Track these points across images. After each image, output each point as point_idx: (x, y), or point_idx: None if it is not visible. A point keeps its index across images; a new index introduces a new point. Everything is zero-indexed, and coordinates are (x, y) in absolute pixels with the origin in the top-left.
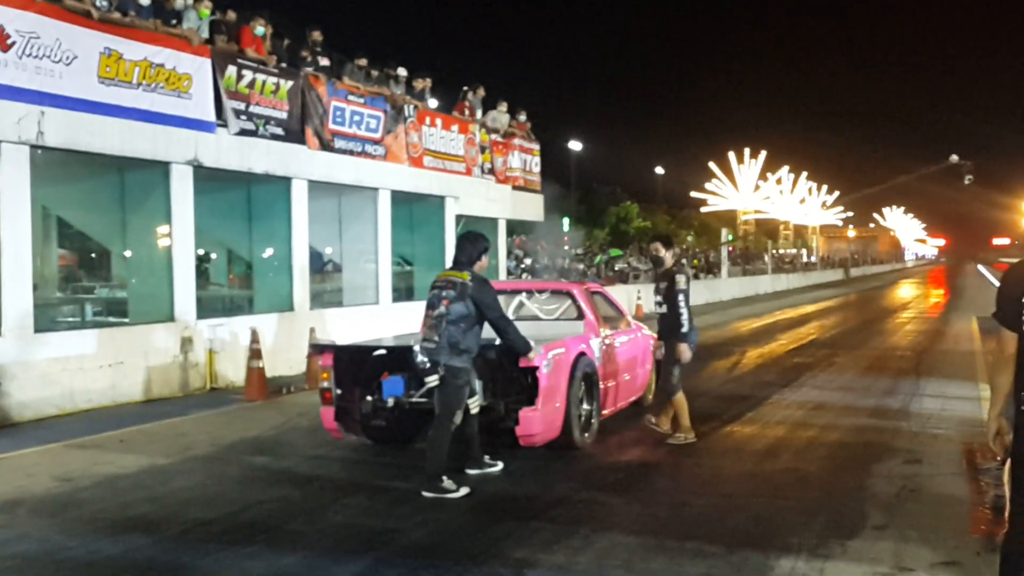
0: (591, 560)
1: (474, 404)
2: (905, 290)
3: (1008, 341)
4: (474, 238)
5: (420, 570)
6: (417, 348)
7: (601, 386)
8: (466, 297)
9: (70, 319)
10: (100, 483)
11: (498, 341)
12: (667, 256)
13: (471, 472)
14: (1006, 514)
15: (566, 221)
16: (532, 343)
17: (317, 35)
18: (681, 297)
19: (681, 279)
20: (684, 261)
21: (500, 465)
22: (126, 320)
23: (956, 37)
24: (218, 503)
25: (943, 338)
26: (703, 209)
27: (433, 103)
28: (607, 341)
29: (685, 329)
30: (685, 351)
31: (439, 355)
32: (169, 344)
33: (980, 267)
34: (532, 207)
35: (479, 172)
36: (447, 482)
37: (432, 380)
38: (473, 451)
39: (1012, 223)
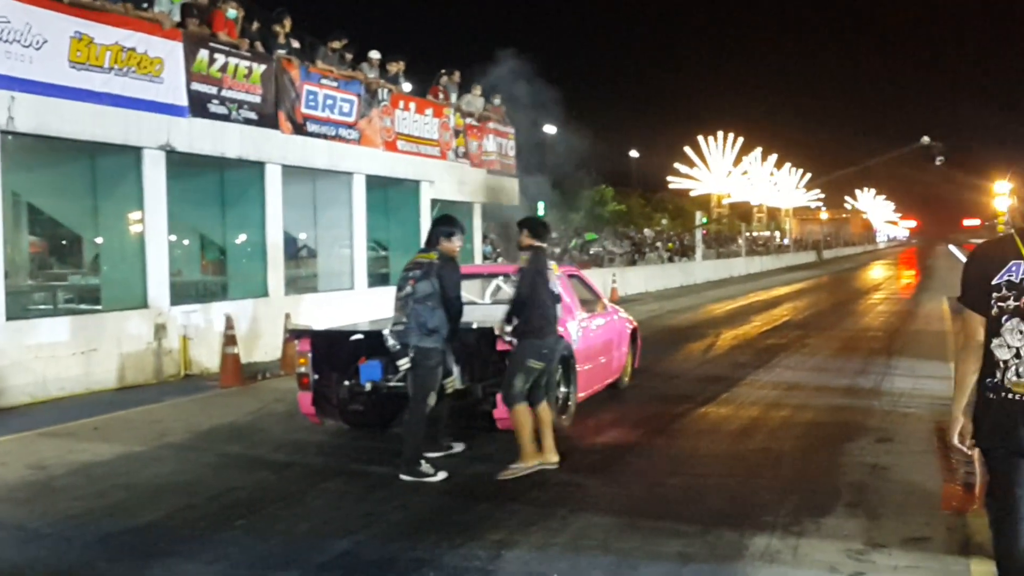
0: (568, 540)
1: (450, 384)
2: (877, 271)
3: (975, 327)
4: (436, 222)
5: (399, 553)
6: (387, 332)
7: (578, 369)
8: (432, 276)
9: (42, 306)
10: (75, 471)
11: (475, 325)
12: (525, 239)
13: (429, 454)
14: (975, 491)
15: (541, 205)
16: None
17: (287, 23)
18: (526, 280)
19: (529, 257)
20: (546, 247)
21: (462, 446)
22: (99, 307)
23: (927, 18)
24: (195, 489)
25: (914, 318)
26: (676, 187)
27: (407, 87)
28: (584, 324)
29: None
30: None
31: (408, 337)
32: (142, 331)
33: (951, 247)
34: (508, 191)
35: (453, 156)
36: (425, 466)
37: (404, 363)
38: (436, 431)
39: (982, 204)
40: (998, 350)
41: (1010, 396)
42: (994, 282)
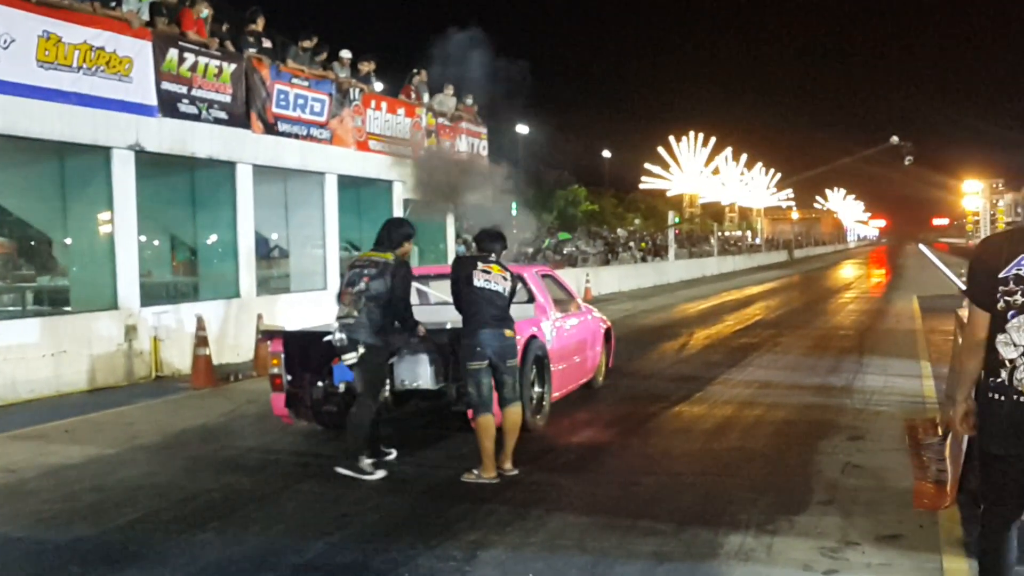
0: (544, 540)
1: (347, 359)
2: (848, 270)
3: (979, 323)
4: (398, 223)
5: (374, 555)
6: (335, 326)
7: (552, 368)
8: (386, 276)
9: (11, 308)
10: (46, 474)
11: (448, 325)
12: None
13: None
14: (947, 488)
15: (513, 205)
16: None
17: (261, 22)
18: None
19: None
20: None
21: (394, 452)
22: (68, 308)
23: (896, 19)
24: (167, 492)
25: (885, 317)
26: (648, 187)
27: (379, 86)
28: (558, 324)
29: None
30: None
31: (358, 332)
32: (113, 332)
33: (921, 246)
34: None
35: (426, 156)
36: (365, 463)
37: (350, 358)
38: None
39: (951, 203)
40: (1004, 348)
41: (1021, 399)
42: (1001, 276)
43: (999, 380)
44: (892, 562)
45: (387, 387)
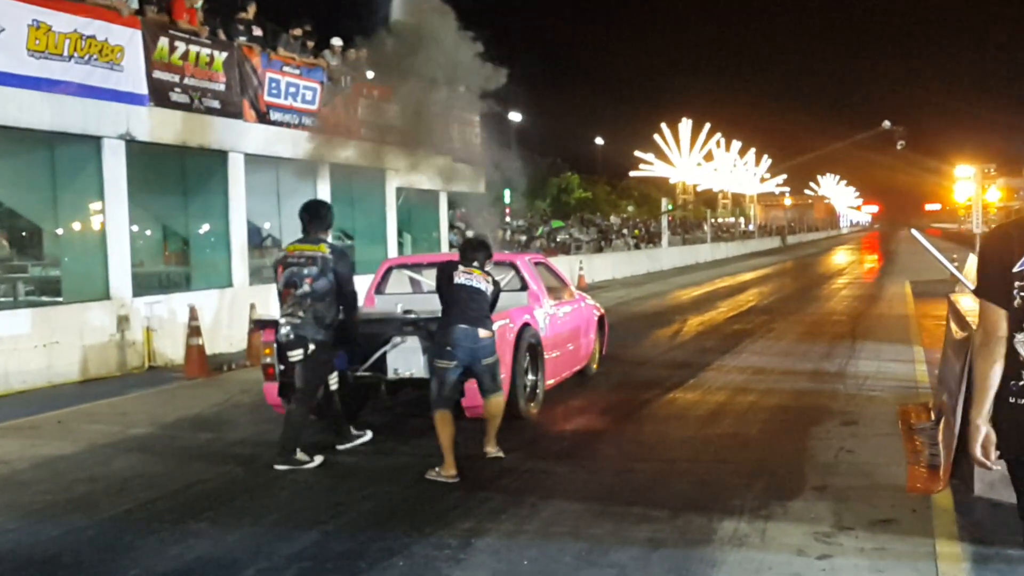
0: (538, 527)
1: (333, 380)
2: (840, 256)
3: (995, 319)
4: (315, 208)
5: (368, 543)
6: (282, 322)
7: (546, 356)
8: (328, 272)
9: (2, 299)
10: (38, 465)
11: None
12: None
13: (342, 447)
14: (940, 473)
15: (507, 193)
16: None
17: (251, 10)
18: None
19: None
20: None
21: (369, 434)
22: (60, 299)
23: (888, 4)
24: (160, 482)
25: (878, 302)
26: (640, 175)
27: (370, 74)
28: (551, 311)
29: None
30: None
31: (305, 331)
32: (105, 323)
33: (914, 232)
34: (472, 179)
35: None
36: (300, 454)
37: (296, 355)
38: (342, 427)
39: (944, 188)
40: (1023, 348)
41: None
42: (1015, 269)
43: (1020, 383)
44: (886, 546)
45: (335, 382)
